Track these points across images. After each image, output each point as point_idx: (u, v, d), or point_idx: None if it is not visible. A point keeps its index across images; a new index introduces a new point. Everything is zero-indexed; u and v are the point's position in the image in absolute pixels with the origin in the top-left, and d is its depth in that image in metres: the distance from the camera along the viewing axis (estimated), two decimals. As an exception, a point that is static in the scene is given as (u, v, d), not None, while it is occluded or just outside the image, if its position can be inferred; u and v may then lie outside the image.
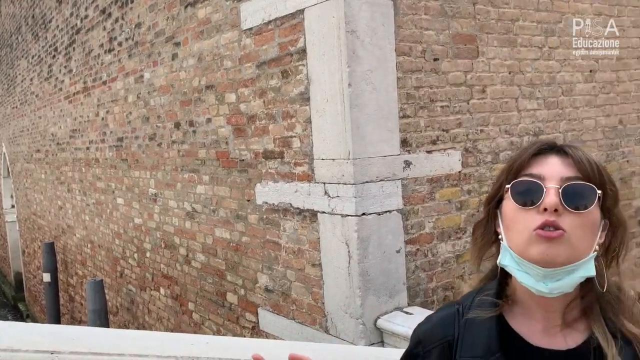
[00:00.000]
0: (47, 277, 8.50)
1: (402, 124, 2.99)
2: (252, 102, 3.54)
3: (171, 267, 4.97)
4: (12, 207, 13.17)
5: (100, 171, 6.47)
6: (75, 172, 7.44)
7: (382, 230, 2.92)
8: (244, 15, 3.50)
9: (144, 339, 1.79)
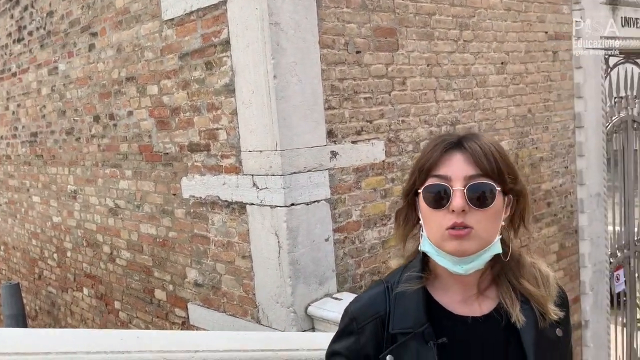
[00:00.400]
0: (-45, 284, 7.93)
1: (328, 115, 3.05)
2: (175, 94, 3.47)
3: (94, 266, 4.80)
4: None
5: (12, 168, 6.10)
6: (-17, 170, 6.97)
7: (311, 219, 2.98)
8: (165, 5, 3.42)
9: (71, 336, 1.74)
